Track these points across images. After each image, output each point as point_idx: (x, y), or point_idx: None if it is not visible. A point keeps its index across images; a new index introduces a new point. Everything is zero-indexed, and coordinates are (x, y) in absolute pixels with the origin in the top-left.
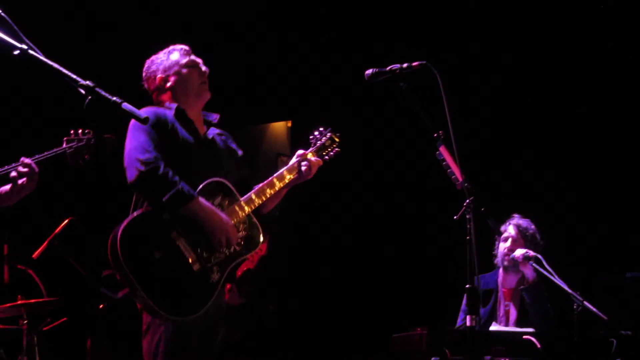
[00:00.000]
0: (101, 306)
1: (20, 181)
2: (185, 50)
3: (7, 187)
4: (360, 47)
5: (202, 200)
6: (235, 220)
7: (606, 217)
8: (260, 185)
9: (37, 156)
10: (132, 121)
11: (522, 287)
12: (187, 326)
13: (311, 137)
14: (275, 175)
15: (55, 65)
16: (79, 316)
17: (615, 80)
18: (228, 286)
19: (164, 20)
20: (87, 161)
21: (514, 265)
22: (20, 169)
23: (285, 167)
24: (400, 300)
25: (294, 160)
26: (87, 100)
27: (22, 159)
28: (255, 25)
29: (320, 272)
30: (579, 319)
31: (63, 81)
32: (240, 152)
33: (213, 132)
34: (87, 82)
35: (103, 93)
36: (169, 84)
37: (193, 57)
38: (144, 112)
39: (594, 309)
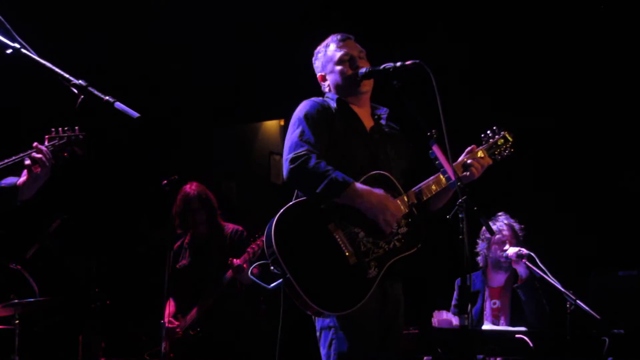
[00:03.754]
0: (93, 305)
1: (35, 169)
2: (339, 40)
3: (24, 177)
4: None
5: (358, 185)
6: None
7: (599, 215)
8: (427, 181)
9: (13, 158)
10: (295, 114)
11: (515, 285)
12: (355, 325)
13: (483, 135)
14: (442, 171)
15: (48, 65)
16: (72, 315)
17: (613, 78)
18: (245, 265)
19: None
20: (66, 158)
21: (509, 264)
22: (34, 154)
23: (453, 164)
24: None
25: (462, 156)
26: (79, 100)
27: (35, 144)
28: (248, 24)
29: None
30: (572, 318)
31: (56, 80)
32: (409, 147)
33: (381, 125)
34: (80, 81)
35: (96, 92)
36: (326, 82)
37: (346, 48)
38: (306, 104)
39: (587, 308)
